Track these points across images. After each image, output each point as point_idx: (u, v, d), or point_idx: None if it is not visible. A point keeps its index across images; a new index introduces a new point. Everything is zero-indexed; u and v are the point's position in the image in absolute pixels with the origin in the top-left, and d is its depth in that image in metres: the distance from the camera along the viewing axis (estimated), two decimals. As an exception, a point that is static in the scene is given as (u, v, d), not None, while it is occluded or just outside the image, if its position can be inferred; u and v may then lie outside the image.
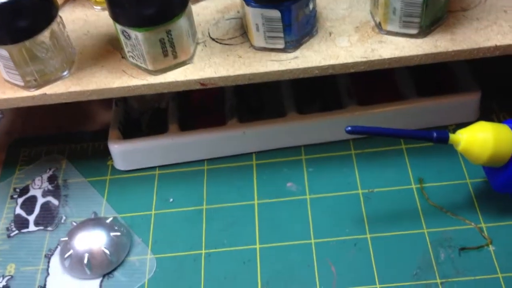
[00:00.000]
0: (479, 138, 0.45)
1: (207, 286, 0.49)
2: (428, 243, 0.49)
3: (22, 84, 0.47)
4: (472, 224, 0.50)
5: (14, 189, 0.57)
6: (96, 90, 0.47)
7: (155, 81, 0.47)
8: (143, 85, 0.47)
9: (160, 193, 0.56)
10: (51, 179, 0.57)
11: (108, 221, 0.51)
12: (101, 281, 0.49)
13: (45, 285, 0.49)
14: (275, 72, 0.48)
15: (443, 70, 0.59)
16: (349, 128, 0.44)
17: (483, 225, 0.50)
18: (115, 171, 0.58)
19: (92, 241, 0.50)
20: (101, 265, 0.49)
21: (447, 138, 0.45)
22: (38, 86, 0.47)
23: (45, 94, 0.47)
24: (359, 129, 0.45)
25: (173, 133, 0.56)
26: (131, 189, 0.56)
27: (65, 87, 0.47)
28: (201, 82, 0.47)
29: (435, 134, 0.45)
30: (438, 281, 0.47)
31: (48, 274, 0.50)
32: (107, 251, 0.49)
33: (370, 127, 0.45)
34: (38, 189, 0.56)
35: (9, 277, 0.50)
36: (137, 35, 0.45)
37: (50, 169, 0.58)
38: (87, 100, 0.48)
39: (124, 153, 0.56)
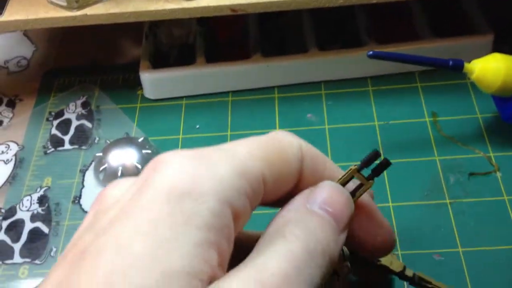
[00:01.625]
0: (492, 67, 0.48)
1: (231, 201, 0.52)
2: (439, 169, 0.52)
3: (65, 4, 0.50)
4: (481, 153, 0.53)
5: (50, 113, 0.60)
6: (134, 12, 0.50)
7: (189, 5, 0.50)
8: (178, 9, 0.50)
9: (187, 120, 0.59)
10: (84, 105, 0.61)
11: (139, 140, 0.55)
12: (133, 194, 0.53)
13: (80, 195, 0.53)
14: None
15: (458, 12, 0.62)
16: (371, 52, 0.48)
17: (491, 154, 0.53)
18: (144, 99, 0.61)
19: (125, 157, 0.53)
20: (133, 179, 0.53)
21: (462, 65, 0.49)
22: (80, 8, 0.50)
23: (86, 15, 0.50)
24: (380, 54, 0.48)
25: (200, 65, 0.60)
26: (160, 116, 0.60)
27: (105, 8, 0.50)
28: (231, 8, 0.50)
29: (451, 62, 0.48)
30: (448, 201, 0.50)
31: (83, 186, 0.53)
32: (139, 166, 0.53)
33: (390, 53, 0.48)
34: (72, 113, 0.60)
35: (46, 187, 0.53)
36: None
37: (83, 96, 0.62)
38: (125, 22, 0.51)
39: (154, 81, 0.60)
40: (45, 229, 0.50)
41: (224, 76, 0.60)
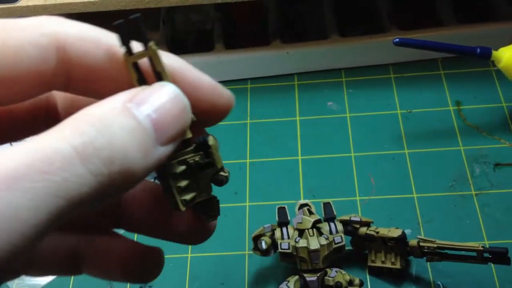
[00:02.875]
0: (521, 55, 0.47)
1: (252, 191, 0.52)
2: (464, 159, 0.51)
3: (84, -10, 0.49)
4: (507, 143, 0.52)
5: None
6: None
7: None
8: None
9: (205, 108, 0.58)
10: (101, 92, 0.60)
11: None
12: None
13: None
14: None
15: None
16: (397, 39, 0.46)
17: (517, 144, 0.52)
18: (162, 86, 0.60)
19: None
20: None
21: (490, 54, 0.47)
22: (98, -7, 0.49)
23: (105, 0, 0.49)
24: (406, 41, 0.47)
25: (218, 51, 0.59)
26: (178, 104, 0.59)
27: (125, -6, 0.49)
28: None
29: (478, 50, 0.47)
30: (473, 192, 0.49)
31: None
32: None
33: (416, 40, 0.47)
34: (89, 100, 0.59)
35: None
36: None
37: (100, 83, 0.60)
38: (145, 8, 0.50)
39: (172, 68, 0.59)
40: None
41: (242, 63, 0.59)
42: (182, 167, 0.24)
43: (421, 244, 0.42)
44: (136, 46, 0.22)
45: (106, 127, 0.20)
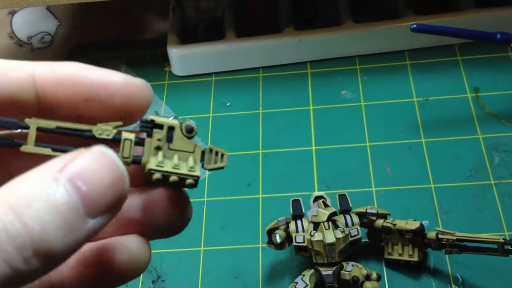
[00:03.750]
0: (543, 40, 0.45)
1: (265, 182, 0.51)
2: (483, 148, 0.50)
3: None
4: (527, 131, 0.51)
5: (76, 91, 0.59)
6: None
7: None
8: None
9: (217, 98, 0.57)
10: (111, 83, 0.59)
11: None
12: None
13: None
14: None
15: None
16: (415, 25, 0.45)
17: (538, 132, 0.51)
18: (172, 76, 0.60)
19: (155, 137, 0.51)
20: (164, 160, 0.51)
21: (510, 39, 0.46)
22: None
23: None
24: (424, 27, 0.45)
25: (230, 39, 0.57)
26: (189, 94, 0.58)
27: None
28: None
29: (498, 35, 0.46)
30: (492, 182, 0.48)
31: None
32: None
33: (434, 26, 0.46)
34: (99, 91, 0.58)
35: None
36: None
37: (109, 73, 0.60)
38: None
39: (182, 57, 0.58)
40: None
41: (254, 51, 0.58)
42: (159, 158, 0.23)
43: (440, 236, 0.40)
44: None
45: (25, 208, 0.19)
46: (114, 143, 0.22)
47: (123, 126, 0.23)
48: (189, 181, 0.23)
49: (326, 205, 0.43)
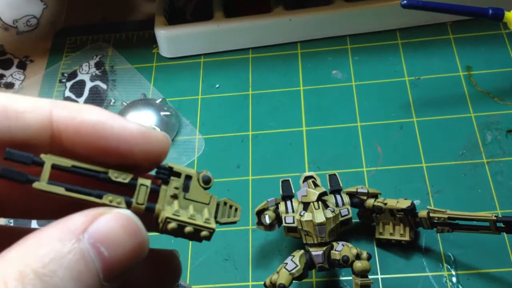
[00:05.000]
0: (535, 16, 0.45)
1: (255, 164, 0.50)
2: (475, 126, 0.49)
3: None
4: (520, 109, 0.50)
5: (62, 74, 0.58)
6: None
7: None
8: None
9: (206, 79, 0.56)
10: (98, 65, 0.58)
11: (157, 101, 0.52)
12: (152, 158, 0.50)
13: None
14: None
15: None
16: (405, 1, 0.44)
17: (531, 109, 0.50)
18: (161, 58, 0.59)
19: (143, 120, 0.51)
20: (152, 143, 0.50)
21: (503, 15, 0.45)
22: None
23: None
24: (414, 3, 0.44)
25: (218, 20, 0.56)
26: (178, 76, 0.57)
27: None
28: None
29: (490, 11, 0.45)
30: (485, 160, 0.47)
31: (100, 150, 0.51)
32: (157, 129, 0.50)
33: (425, 2, 0.45)
34: (85, 74, 0.57)
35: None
36: None
37: (96, 56, 0.59)
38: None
39: (170, 38, 0.57)
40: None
41: (243, 31, 0.57)
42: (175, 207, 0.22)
43: (431, 214, 0.40)
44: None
45: (50, 276, 0.18)
46: (128, 187, 0.22)
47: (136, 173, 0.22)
48: (204, 233, 0.23)
49: (316, 185, 0.42)
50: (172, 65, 0.58)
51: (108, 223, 0.20)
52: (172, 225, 0.22)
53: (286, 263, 0.40)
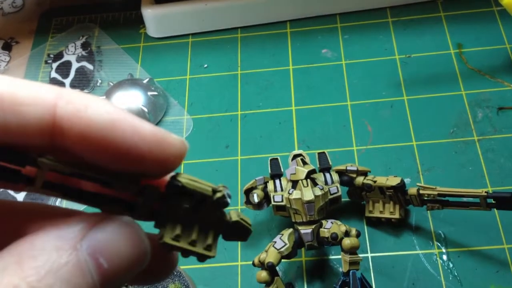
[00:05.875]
0: (526, -10, 0.44)
1: (244, 144, 0.49)
2: (466, 104, 0.49)
3: None
4: (511, 85, 0.49)
5: (48, 55, 0.57)
6: None
7: None
8: None
9: (194, 59, 0.56)
10: (84, 46, 0.57)
11: (144, 81, 0.51)
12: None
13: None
14: None
15: None
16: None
17: (522, 86, 0.49)
18: (148, 38, 0.58)
19: (130, 100, 0.50)
20: (139, 123, 0.50)
21: (494, -11, 0.44)
22: None
23: None
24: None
25: (207, -1, 0.55)
26: (165, 56, 0.56)
27: None
28: None
29: (481, -14, 0.44)
30: (476, 138, 0.47)
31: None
32: (145, 109, 0.49)
33: (414, -23, 0.44)
34: (72, 54, 0.56)
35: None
36: None
37: (83, 37, 0.58)
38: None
39: (157, 18, 0.56)
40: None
41: (232, 10, 0.56)
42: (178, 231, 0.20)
43: (421, 191, 0.40)
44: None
45: (40, 282, 0.17)
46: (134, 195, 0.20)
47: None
48: (201, 259, 0.21)
49: (304, 163, 0.41)
50: (160, 45, 0.57)
51: (107, 231, 0.18)
52: (169, 248, 0.20)
53: (275, 242, 0.39)
